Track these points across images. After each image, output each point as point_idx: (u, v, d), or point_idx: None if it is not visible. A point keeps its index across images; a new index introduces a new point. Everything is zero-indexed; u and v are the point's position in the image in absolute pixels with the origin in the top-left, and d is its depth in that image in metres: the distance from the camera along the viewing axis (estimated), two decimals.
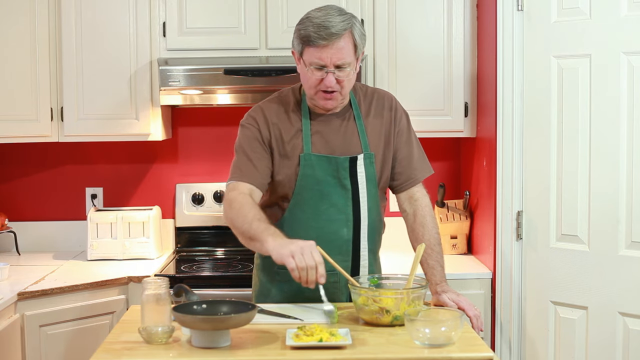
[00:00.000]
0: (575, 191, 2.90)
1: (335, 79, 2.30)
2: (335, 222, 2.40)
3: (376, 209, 2.47)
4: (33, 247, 3.75)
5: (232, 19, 3.39)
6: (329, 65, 2.29)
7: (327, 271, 2.15)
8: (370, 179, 2.43)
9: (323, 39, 2.26)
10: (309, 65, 2.31)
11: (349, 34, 2.29)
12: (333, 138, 2.42)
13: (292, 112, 2.43)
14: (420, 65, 3.40)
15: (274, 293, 2.49)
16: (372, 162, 2.42)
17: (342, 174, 2.39)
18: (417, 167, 2.50)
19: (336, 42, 2.27)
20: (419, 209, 2.46)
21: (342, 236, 2.41)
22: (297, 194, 2.40)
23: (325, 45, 2.27)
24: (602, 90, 2.81)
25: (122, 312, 3.02)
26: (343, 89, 2.34)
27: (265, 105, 2.47)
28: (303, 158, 2.38)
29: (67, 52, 3.37)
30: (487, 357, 1.94)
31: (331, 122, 2.43)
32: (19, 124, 3.39)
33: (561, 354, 2.97)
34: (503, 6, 3.06)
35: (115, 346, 2.02)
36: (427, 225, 2.43)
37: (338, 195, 2.40)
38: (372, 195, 2.44)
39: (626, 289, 2.79)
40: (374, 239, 2.49)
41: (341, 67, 2.30)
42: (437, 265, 2.39)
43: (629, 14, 2.75)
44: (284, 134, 2.41)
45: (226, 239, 3.69)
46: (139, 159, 3.82)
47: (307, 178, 2.38)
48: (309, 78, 2.34)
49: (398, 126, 2.48)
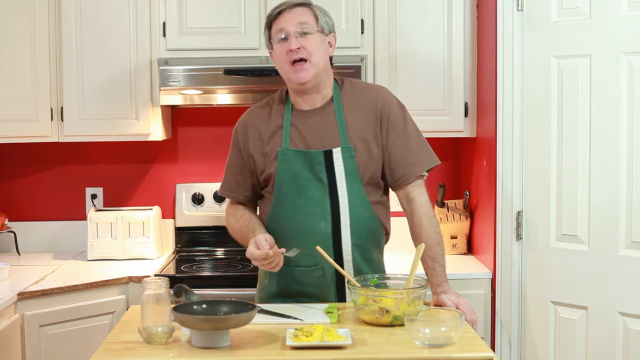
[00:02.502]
0: (575, 191, 2.90)
1: (301, 45, 2.37)
2: (313, 215, 2.41)
3: (361, 203, 2.42)
4: (33, 247, 3.75)
5: (232, 19, 3.39)
6: (290, 29, 2.38)
7: (311, 266, 2.40)
8: (351, 172, 2.40)
9: (280, 9, 2.42)
10: (275, 41, 2.42)
11: (306, 7, 2.43)
12: (311, 133, 2.44)
13: (275, 111, 2.50)
14: (420, 65, 3.40)
15: (270, 286, 2.53)
16: (352, 156, 2.40)
17: (317, 168, 2.41)
18: (415, 161, 2.44)
19: (293, 9, 2.41)
20: (415, 208, 2.44)
21: (321, 230, 2.40)
22: (277, 189, 2.45)
23: (282, 14, 2.41)
24: (602, 90, 2.81)
25: (122, 312, 3.03)
26: (312, 55, 2.38)
27: (250, 110, 2.58)
28: (280, 153, 2.43)
29: (67, 52, 3.37)
30: (487, 357, 1.94)
31: (311, 118, 2.46)
32: (19, 124, 3.39)
33: (561, 354, 2.97)
34: (503, 6, 3.06)
35: (115, 346, 2.02)
36: (423, 225, 2.41)
37: (315, 189, 2.41)
38: (355, 189, 2.41)
39: (626, 289, 2.79)
40: (360, 234, 2.43)
41: (304, 32, 2.38)
42: (436, 266, 2.38)
43: (629, 14, 2.75)
44: (263, 134, 2.48)
45: (226, 239, 3.65)
46: (139, 159, 3.82)
47: (285, 173, 2.43)
48: (279, 54, 2.42)
49: (387, 121, 2.44)
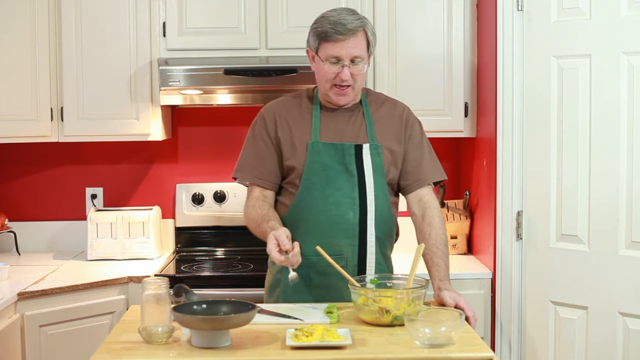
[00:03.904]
0: (575, 191, 2.90)
1: (349, 72, 2.42)
2: (342, 205, 2.47)
3: (384, 198, 2.51)
4: (33, 247, 3.75)
5: (232, 19, 3.39)
6: (344, 59, 2.43)
7: (334, 255, 2.37)
8: (377, 169, 2.50)
9: (340, 34, 2.41)
10: (325, 60, 2.45)
11: (362, 31, 2.45)
12: (341, 128, 2.53)
13: (304, 106, 2.58)
14: (420, 65, 3.40)
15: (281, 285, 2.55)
16: (379, 153, 2.50)
17: (348, 160, 2.48)
18: (428, 170, 2.58)
19: (352, 37, 2.42)
20: (427, 210, 2.52)
21: (349, 219, 2.47)
22: (306, 179, 2.49)
23: (341, 40, 2.42)
24: (602, 90, 2.81)
25: (122, 312, 3.02)
26: (356, 83, 2.48)
27: (277, 101, 2.64)
28: (311, 145, 2.49)
29: (67, 52, 3.37)
30: (487, 357, 1.94)
31: (340, 115, 2.56)
32: (19, 124, 3.39)
33: (561, 354, 2.97)
34: (503, 6, 3.06)
35: (115, 346, 2.02)
36: (434, 225, 2.48)
37: (344, 180, 2.48)
38: (380, 185, 2.50)
39: (626, 289, 2.79)
40: (382, 228, 2.51)
41: (355, 62, 2.44)
42: (441, 263, 2.42)
43: (629, 14, 2.75)
44: (292, 125, 2.54)
45: (226, 239, 3.70)
46: (139, 159, 3.82)
47: (315, 164, 2.48)
48: (325, 73, 2.47)
49: (410, 130, 2.59)
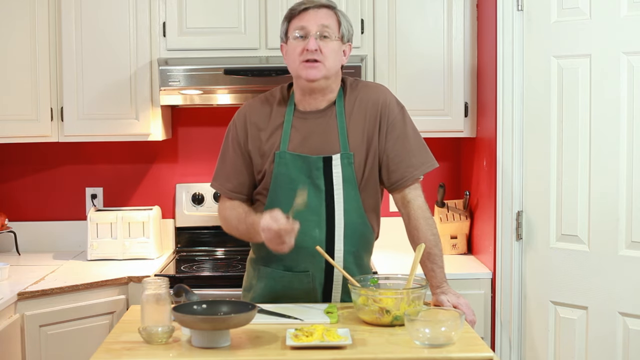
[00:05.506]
0: (575, 191, 2.90)
1: (318, 45, 2.32)
2: (308, 222, 2.33)
3: (357, 210, 2.39)
4: (33, 247, 3.75)
5: (232, 19, 3.39)
6: (310, 29, 2.33)
7: (301, 271, 2.38)
8: (348, 179, 2.37)
9: (305, 6, 2.35)
10: (292, 37, 2.36)
11: (331, 10, 2.38)
12: (311, 136, 2.38)
13: (276, 108, 2.44)
14: (420, 65, 3.40)
15: (258, 287, 2.49)
16: (351, 163, 2.36)
17: (315, 174, 2.36)
18: (414, 164, 2.40)
19: (318, 10, 2.36)
20: (411, 211, 2.39)
21: (314, 237, 2.35)
22: (272, 192, 2.39)
23: (307, 12, 2.35)
24: (602, 90, 2.81)
25: (122, 312, 3.02)
26: (327, 59, 2.34)
27: (250, 103, 2.50)
28: (278, 156, 2.37)
29: (67, 52, 3.37)
30: (487, 357, 1.94)
31: (312, 120, 2.40)
32: (19, 124, 3.39)
33: (561, 354, 2.97)
34: (503, 6, 3.06)
35: (115, 346, 2.02)
36: (420, 228, 2.37)
37: (312, 195, 2.34)
38: (351, 196, 2.38)
39: (626, 289, 2.79)
40: (353, 242, 2.40)
41: (324, 35, 2.34)
42: (435, 268, 2.36)
43: (629, 14, 2.75)
44: (262, 132, 2.42)
45: (226, 239, 3.64)
46: (139, 159, 3.81)
47: (281, 176, 2.37)
48: (293, 50, 2.36)
49: (387, 121, 2.40)
